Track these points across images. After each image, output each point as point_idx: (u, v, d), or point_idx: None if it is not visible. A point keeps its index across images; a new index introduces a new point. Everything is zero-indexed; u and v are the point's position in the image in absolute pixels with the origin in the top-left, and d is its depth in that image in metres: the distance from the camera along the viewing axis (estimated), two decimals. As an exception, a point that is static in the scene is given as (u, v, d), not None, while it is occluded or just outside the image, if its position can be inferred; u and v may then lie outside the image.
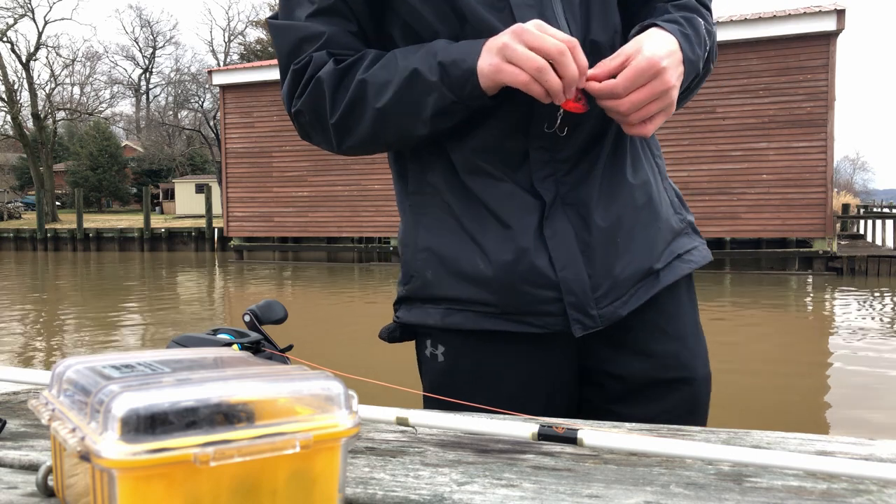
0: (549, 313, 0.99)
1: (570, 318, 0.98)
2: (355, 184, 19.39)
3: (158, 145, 46.27)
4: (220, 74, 21.24)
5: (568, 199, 0.98)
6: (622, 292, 1.00)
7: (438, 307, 1.05)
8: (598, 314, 0.98)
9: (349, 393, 0.52)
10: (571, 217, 0.98)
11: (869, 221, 24.66)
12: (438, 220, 1.03)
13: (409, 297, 1.08)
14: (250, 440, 0.46)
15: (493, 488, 0.62)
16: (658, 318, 1.06)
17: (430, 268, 1.04)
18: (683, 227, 1.09)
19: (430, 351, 1.07)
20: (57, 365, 0.56)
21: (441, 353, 1.06)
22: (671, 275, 1.05)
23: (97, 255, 25.62)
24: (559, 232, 0.97)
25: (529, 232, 0.97)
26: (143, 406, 0.45)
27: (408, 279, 1.08)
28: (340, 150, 1.04)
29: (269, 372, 0.53)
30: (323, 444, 0.50)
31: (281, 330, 0.95)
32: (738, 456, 0.60)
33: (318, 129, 1.02)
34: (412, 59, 0.92)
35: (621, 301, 1.00)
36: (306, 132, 1.04)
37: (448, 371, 1.06)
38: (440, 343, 1.06)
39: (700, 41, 0.96)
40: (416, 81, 0.91)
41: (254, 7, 78.34)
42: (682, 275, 1.06)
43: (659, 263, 1.03)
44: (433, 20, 0.95)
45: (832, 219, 15.79)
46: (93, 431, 0.45)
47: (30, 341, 9.07)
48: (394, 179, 1.12)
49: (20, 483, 0.62)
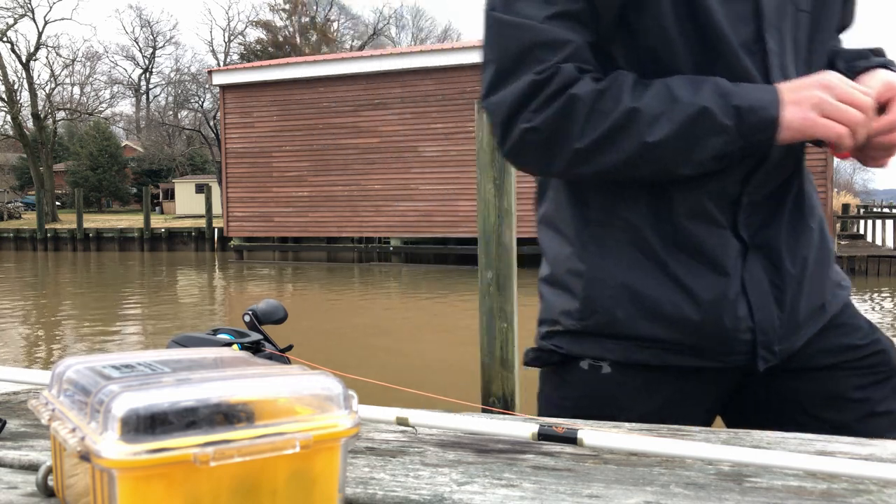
0: (739, 352, 0.99)
1: (759, 355, 0.99)
2: (355, 184, 19.39)
3: (158, 145, 46.26)
4: (220, 74, 21.25)
5: (757, 241, 0.99)
6: (800, 329, 1.03)
7: (619, 343, 0.99)
8: (778, 349, 1.00)
9: (349, 393, 0.52)
10: (762, 261, 0.99)
11: (869, 221, 24.66)
12: (633, 258, 0.97)
13: (585, 332, 1.01)
14: (250, 440, 0.46)
15: (493, 488, 0.62)
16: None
17: (621, 306, 0.98)
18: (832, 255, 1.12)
19: (590, 363, 1.01)
20: (57, 365, 0.56)
21: (607, 364, 1.00)
22: (835, 304, 1.07)
23: (97, 255, 25.62)
24: (755, 277, 0.98)
25: (737, 276, 0.97)
26: (143, 406, 0.45)
27: (589, 314, 0.99)
28: (564, 175, 0.99)
29: (269, 372, 0.53)
30: (323, 444, 0.50)
31: (281, 330, 0.95)
32: (738, 456, 0.60)
33: (551, 150, 0.91)
34: (697, 96, 0.86)
35: (798, 336, 1.03)
36: (526, 151, 0.93)
37: (613, 381, 1.01)
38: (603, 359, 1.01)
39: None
40: (704, 121, 0.86)
41: (254, 7, 78.43)
42: (843, 303, 1.09)
43: (828, 296, 1.06)
44: (680, 49, 0.90)
45: (832, 219, 15.80)
46: (93, 431, 0.45)
47: (30, 341, 9.06)
48: (560, 200, 1.04)
49: (20, 483, 0.62)
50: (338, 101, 19.55)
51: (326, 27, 51.40)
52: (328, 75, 19.49)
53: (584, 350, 1.01)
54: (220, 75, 21.21)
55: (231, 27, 55.51)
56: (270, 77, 20.25)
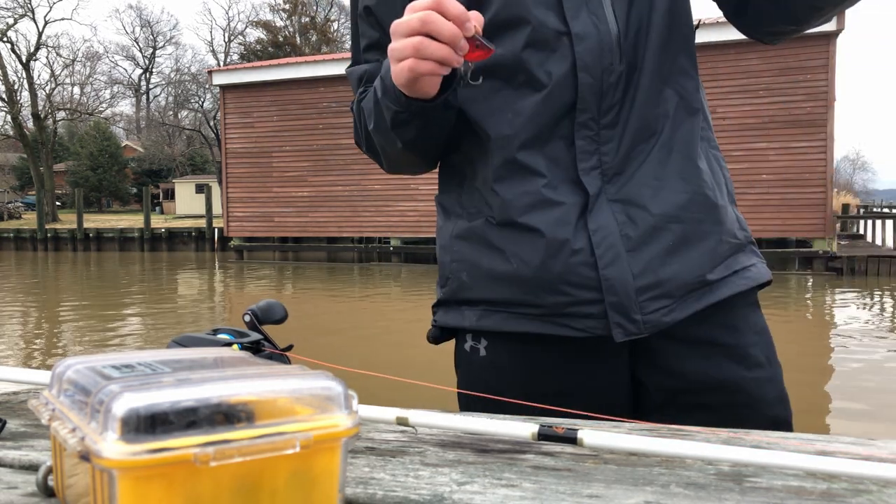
0: (589, 315, 0.94)
1: (611, 320, 0.93)
2: (355, 184, 19.39)
3: (158, 145, 46.26)
4: (220, 74, 21.25)
5: (614, 193, 0.94)
6: (670, 300, 0.95)
7: (474, 309, 1.02)
8: (641, 319, 0.93)
9: (349, 393, 0.52)
10: (617, 213, 0.94)
11: (869, 221, 24.67)
12: (471, 222, 1.02)
13: (447, 301, 1.07)
14: (250, 440, 0.46)
15: (493, 488, 0.62)
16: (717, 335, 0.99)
17: (465, 269, 1.02)
18: (745, 242, 1.03)
19: (471, 345, 1.04)
20: (57, 365, 0.56)
21: (483, 348, 1.02)
22: (726, 289, 0.98)
23: (97, 255, 25.62)
24: (602, 227, 0.93)
25: (567, 228, 0.93)
26: (144, 406, 0.45)
27: (444, 282, 1.07)
28: (392, 172, 1.11)
29: (269, 372, 0.53)
30: (323, 444, 0.50)
31: (281, 330, 0.95)
32: (738, 456, 0.60)
33: (371, 157, 1.09)
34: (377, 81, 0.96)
35: (667, 309, 0.94)
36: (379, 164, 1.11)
37: (489, 365, 1.02)
38: (483, 337, 1.03)
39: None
40: (376, 99, 0.95)
41: (254, 7, 78.38)
42: (738, 291, 0.99)
43: (713, 275, 0.97)
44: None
45: (832, 219, 15.80)
46: (93, 431, 0.45)
47: (30, 341, 9.07)
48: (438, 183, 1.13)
49: (20, 483, 0.62)
50: (338, 101, 19.55)
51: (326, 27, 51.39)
52: (328, 75, 19.49)
53: (448, 320, 1.07)
54: (220, 75, 21.21)
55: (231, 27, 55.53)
56: (270, 77, 20.25)
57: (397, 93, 0.88)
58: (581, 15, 0.93)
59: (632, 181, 0.95)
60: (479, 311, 1.02)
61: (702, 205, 0.97)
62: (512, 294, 0.98)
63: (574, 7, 0.93)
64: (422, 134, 0.95)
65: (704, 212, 0.97)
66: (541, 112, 0.94)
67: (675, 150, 0.97)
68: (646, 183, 0.95)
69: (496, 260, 0.98)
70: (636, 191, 0.95)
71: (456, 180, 1.07)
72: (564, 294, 0.94)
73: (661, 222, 0.94)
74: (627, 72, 0.95)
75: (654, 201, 0.95)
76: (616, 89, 0.94)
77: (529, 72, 0.94)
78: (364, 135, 1.05)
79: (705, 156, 1.01)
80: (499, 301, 1.00)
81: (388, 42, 0.92)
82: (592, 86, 0.93)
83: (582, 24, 0.93)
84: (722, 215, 0.99)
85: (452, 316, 1.06)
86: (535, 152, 0.95)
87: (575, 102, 0.94)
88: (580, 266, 0.93)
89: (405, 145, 0.97)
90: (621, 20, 0.94)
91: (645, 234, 0.94)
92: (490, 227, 0.99)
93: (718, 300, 0.98)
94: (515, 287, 0.97)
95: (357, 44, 1.08)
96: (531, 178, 0.95)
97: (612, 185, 0.95)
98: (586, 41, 0.93)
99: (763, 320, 1.06)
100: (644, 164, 0.96)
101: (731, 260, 1.00)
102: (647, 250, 0.94)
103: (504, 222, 0.98)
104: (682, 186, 0.96)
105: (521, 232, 0.96)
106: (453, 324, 1.06)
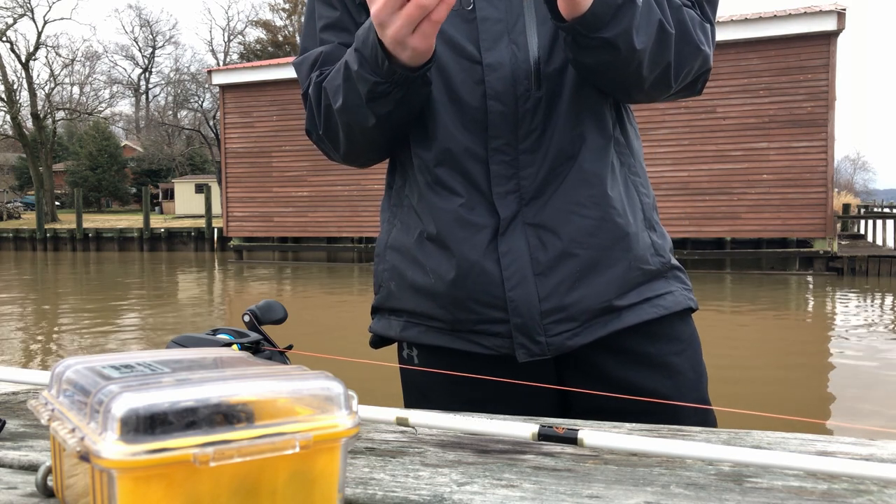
0: (497, 334, 0.97)
1: (515, 341, 0.96)
2: (355, 184, 19.39)
3: (158, 145, 46.27)
4: (220, 74, 21.24)
5: (531, 217, 0.96)
6: (575, 324, 0.97)
7: (399, 319, 1.07)
8: (546, 341, 0.96)
9: (349, 393, 0.52)
10: (531, 236, 0.96)
11: (869, 221, 24.68)
12: (403, 234, 1.05)
13: (380, 308, 1.11)
14: (250, 440, 0.46)
15: (493, 488, 0.62)
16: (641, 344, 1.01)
17: (394, 279, 1.06)
18: (662, 269, 1.03)
19: (407, 353, 1.09)
20: (56, 365, 0.56)
21: (416, 356, 1.08)
22: (634, 317, 0.99)
23: (97, 255, 25.62)
24: (513, 250, 0.96)
25: (479, 248, 0.96)
26: (143, 406, 0.45)
27: (377, 289, 1.10)
28: (346, 161, 1.07)
29: (269, 372, 0.53)
30: (323, 445, 0.49)
31: (281, 330, 0.94)
32: (739, 456, 0.60)
33: (324, 145, 1.06)
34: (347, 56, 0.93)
35: (571, 332, 0.97)
36: (324, 153, 1.08)
37: (422, 372, 1.07)
38: (414, 346, 1.08)
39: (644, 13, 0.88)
40: (349, 73, 0.92)
41: (254, 7, 78.46)
42: (646, 319, 1.00)
43: (622, 301, 0.98)
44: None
45: (832, 219, 15.79)
46: (92, 432, 0.45)
47: (29, 341, 9.07)
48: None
49: (20, 483, 0.62)
50: (338, 100, 19.52)
51: (326, 27, 51.27)
52: (328, 75, 19.46)
53: (379, 328, 1.11)
54: (219, 75, 21.20)
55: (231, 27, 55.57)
56: (270, 77, 20.24)
57: (380, 60, 0.87)
58: (499, 45, 0.95)
59: (548, 205, 0.97)
60: (403, 322, 1.07)
61: (610, 231, 0.98)
62: (429, 307, 1.02)
63: (492, 38, 0.95)
64: (398, 108, 0.94)
65: (613, 239, 0.98)
66: (459, 131, 0.97)
67: (588, 176, 0.98)
68: (560, 207, 0.97)
69: (418, 273, 1.02)
70: (551, 215, 0.97)
71: (394, 189, 1.09)
72: (474, 312, 0.98)
73: (570, 247, 0.96)
74: (548, 97, 0.96)
75: (565, 227, 0.96)
76: (535, 115, 0.96)
77: (452, 89, 0.97)
78: (323, 117, 1.01)
79: (623, 182, 1.01)
80: (418, 313, 1.04)
81: (346, 20, 0.98)
82: (504, 113, 0.95)
83: (497, 54, 0.95)
84: (632, 242, 0.99)
85: (383, 325, 1.11)
86: (454, 171, 0.98)
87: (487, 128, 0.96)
88: (489, 286, 0.97)
89: (378, 121, 0.95)
90: (543, 48, 0.95)
91: (554, 259, 0.96)
92: (416, 241, 1.03)
93: (625, 327, 0.99)
94: (432, 301, 1.01)
95: (312, 28, 1.06)
96: (449, 197, 0.98)
97: (530, 208, 0.97)
98: (498, 71, 0.95)
99: (691, 328, 1.07)
100: (560, 188, 0.97)
101: (645, 287, 1.01)
102: (555, 275, 0.96)
103: (426, 237, 1.01)
104: (591, 213, 0.97)
105: (439, 248, 0.99)
106: (382, 332, 1.10)
